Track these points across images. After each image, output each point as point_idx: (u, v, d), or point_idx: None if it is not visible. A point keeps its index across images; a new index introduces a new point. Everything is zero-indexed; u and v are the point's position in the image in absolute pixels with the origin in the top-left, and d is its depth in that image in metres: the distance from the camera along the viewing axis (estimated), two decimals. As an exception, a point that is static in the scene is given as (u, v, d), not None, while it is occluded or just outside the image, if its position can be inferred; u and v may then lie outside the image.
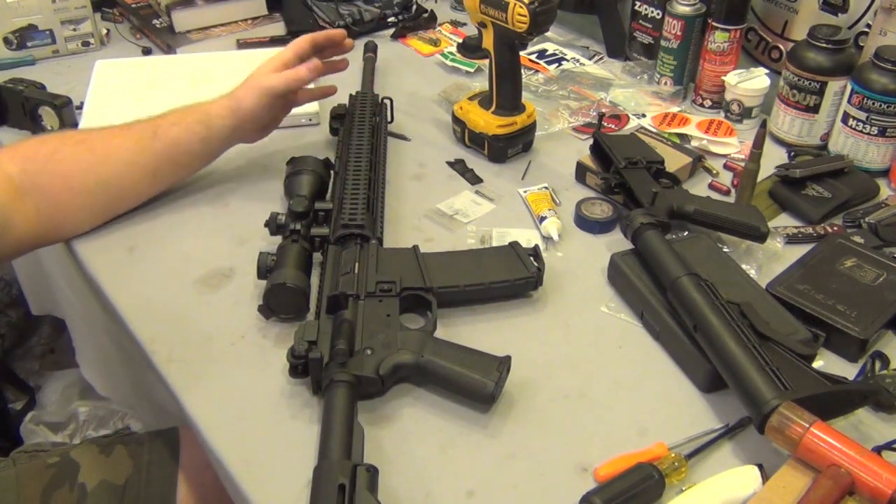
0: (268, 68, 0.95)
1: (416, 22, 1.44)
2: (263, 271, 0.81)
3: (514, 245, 0.87)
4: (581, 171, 1.03)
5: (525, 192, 1.00)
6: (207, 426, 0.71)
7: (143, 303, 0.84)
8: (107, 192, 0.89)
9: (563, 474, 0.67)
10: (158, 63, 1.29)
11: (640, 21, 1.25)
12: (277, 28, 1.41)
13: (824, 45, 1.03)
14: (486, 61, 1.04)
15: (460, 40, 1.34)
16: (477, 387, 0.71)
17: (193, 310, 0.83)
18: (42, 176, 0.84)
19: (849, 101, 1.03)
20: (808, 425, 0.62)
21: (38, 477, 0.87)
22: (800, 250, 0.89)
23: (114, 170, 0.88)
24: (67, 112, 1.09)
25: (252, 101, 0.93)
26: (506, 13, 0.94)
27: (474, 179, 1.04)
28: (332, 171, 0.96)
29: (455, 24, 1.46)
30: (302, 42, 0.98)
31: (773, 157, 1.07)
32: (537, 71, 1.30)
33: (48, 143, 0.87)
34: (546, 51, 1.36)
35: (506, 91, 1.04)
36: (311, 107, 1.14)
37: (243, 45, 1.36)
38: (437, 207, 0.99)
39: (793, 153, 1.10)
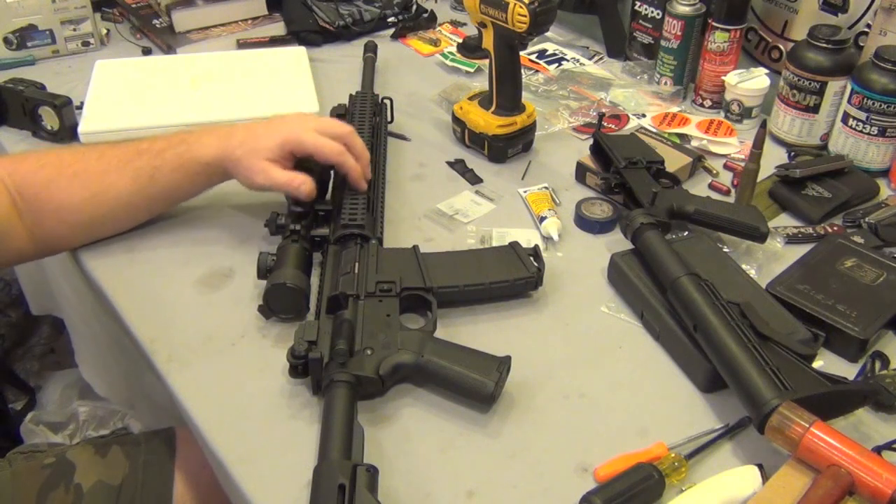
0: (276, 144, 0.86)
1: (416, 22, 1.44)
2: (263, 271, 0.81)
3: (514, 245, 0.86)
4: (581, 171, 1.03)
5: (525, 192, 1.00)
6: (207, 426, 0.71)
7: (143, 303, 0.84)
8: (101, 224, 0.89)
9: (563, 474, 0.67)
10: (158, 63, 1.29)
11: (640, 21, 1.25)
12: (277, 28, 1.41)
13: (824, 45, 1.03)
14: (486, 61, 1.04)
15: (460, 40, 1.34)
16: (477, 387, 0.71)
17: (193, 310, 0.83)
18: (36, 203, 0.84)
19: (849, 101, 1.03)
20: (808, 425, 0.62)
21: (34, 477, 0.86)
22: (800, 250, 0.89)
23: (107, 208, 0.87)
24: (67, 112, 1.08)
25: (246, 179, 0.88)
26: (506, 13, 0.94)
27: (474, 179, 1.04)
28: (332, 171, 0.96)
29: (455, 24, 1.46)
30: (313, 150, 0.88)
31: (773, 157, 1.07)
32: (537, 71, 1.30)
33: (45, 169, 0.85)
34: (546, 51, 1.36)
35: (506, 91, 1.04)
36: (312, 107, 1.14)
37: (243, 45, 1.36)
38: (437, 207, 0.99)
39: (793, 153, 1.10)
